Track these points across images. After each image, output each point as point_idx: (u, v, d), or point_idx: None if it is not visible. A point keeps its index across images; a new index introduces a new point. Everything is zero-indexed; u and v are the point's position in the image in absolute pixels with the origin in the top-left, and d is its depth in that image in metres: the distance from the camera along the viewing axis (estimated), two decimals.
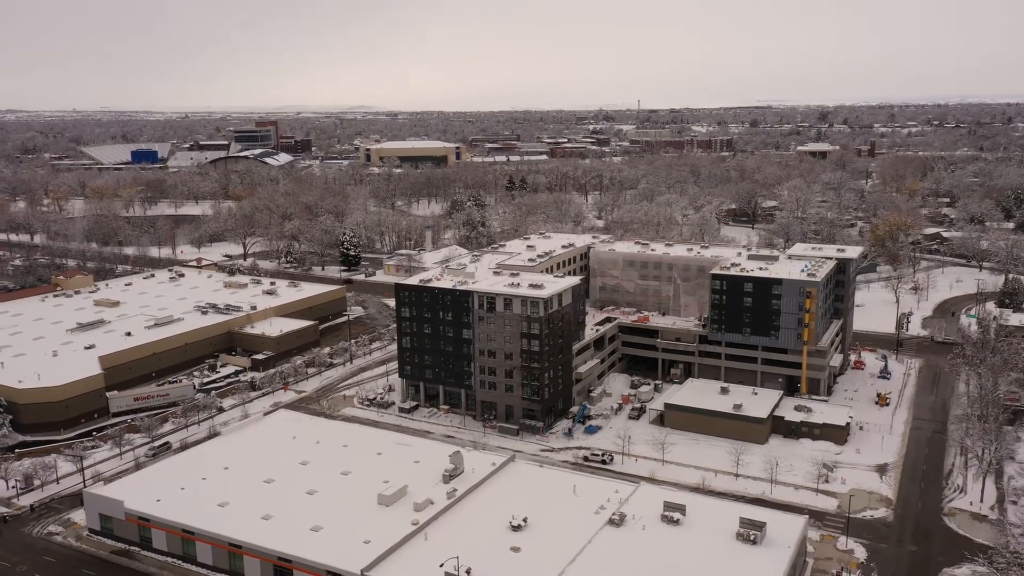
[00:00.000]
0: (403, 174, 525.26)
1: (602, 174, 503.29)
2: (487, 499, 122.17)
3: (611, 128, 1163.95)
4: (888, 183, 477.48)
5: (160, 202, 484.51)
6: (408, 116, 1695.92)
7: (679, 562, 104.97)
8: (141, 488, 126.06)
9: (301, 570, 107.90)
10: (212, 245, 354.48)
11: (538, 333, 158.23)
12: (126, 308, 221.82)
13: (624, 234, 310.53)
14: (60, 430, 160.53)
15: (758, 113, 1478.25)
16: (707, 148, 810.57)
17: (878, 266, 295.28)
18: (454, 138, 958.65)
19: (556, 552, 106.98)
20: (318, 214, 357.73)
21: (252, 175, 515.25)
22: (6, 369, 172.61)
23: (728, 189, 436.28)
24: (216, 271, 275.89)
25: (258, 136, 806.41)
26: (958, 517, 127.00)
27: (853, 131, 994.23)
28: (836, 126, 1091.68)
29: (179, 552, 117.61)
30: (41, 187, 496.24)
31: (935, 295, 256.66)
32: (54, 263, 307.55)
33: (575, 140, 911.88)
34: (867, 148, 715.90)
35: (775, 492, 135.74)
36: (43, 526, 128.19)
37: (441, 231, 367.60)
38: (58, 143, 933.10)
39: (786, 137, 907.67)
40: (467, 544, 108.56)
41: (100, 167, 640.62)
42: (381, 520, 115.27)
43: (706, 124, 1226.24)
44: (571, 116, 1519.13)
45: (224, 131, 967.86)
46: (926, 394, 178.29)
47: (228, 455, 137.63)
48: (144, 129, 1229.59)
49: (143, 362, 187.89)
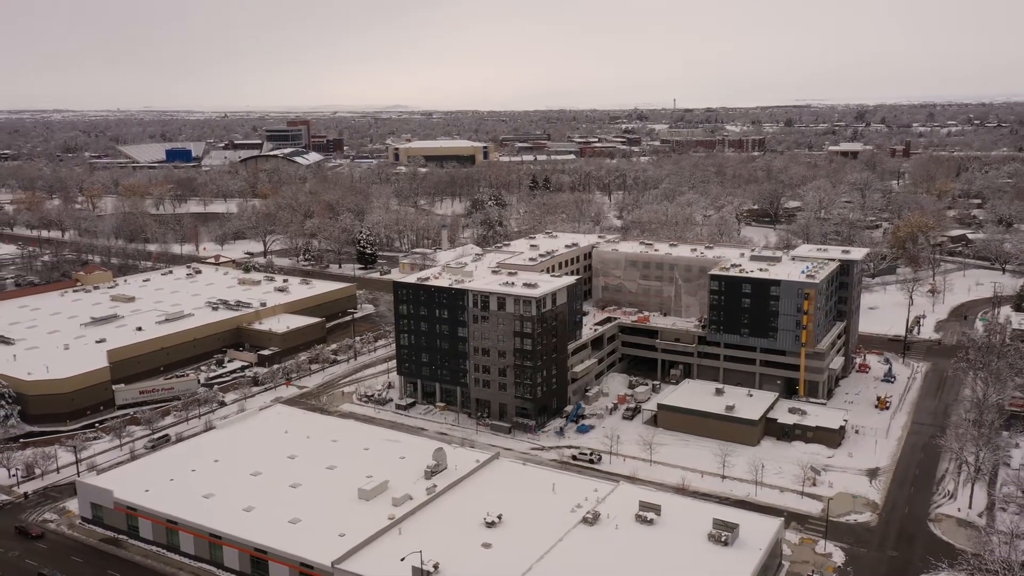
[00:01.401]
0: (428, 173, 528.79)
1: (626, 174, 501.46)
2: (466, 495, 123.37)
3: (644, 127, 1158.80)
4: (919, 184, 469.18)
5: (189, 200, 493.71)
6: (443, 116, 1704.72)
7: (647, 561, 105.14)
8: (132, 478, 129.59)
9: (276, 561, 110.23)
10: (235, 243, 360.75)
11: (530, 332, 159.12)
12: (140, 304, 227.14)
13: (641, 234, 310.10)
14: (66, 421, 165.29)
15: (794, 112, 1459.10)
16: (738, 148, 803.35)
17: (898, 268, 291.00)
18: (486, 137, 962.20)
19: (526, 549, 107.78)
20: (339, 213, 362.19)
21: (279, 173, 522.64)
22: (18, 361, 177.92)
23: (752, 189, 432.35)
24: (232, 268, 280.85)
25: (289, 135, 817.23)
26: (944, 523, 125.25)
27: (891, 130, 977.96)
28: (873, 125, 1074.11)
29: (164, 541, 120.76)
30: (76, 185, 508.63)
31: (952, 298, 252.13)
32: (80, 259, 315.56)
33: (606, 140, 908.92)
34: (902, 148, 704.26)
35: (760, 494, 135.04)
36: (39, 513, 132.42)
37: (460, 230, 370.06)
38: (99, 142, 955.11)
39: (820, 137, 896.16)
40: (440, 539, 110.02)
41: (135, 165, 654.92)
42: (359, 514, 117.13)
43: (740, 123, 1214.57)
44: (605, 115, 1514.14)
45: (260, 130, 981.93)
46: (929, 398, 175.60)
47: (219, 448, 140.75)
48: (183, 128, 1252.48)
49: (151, 356, 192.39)
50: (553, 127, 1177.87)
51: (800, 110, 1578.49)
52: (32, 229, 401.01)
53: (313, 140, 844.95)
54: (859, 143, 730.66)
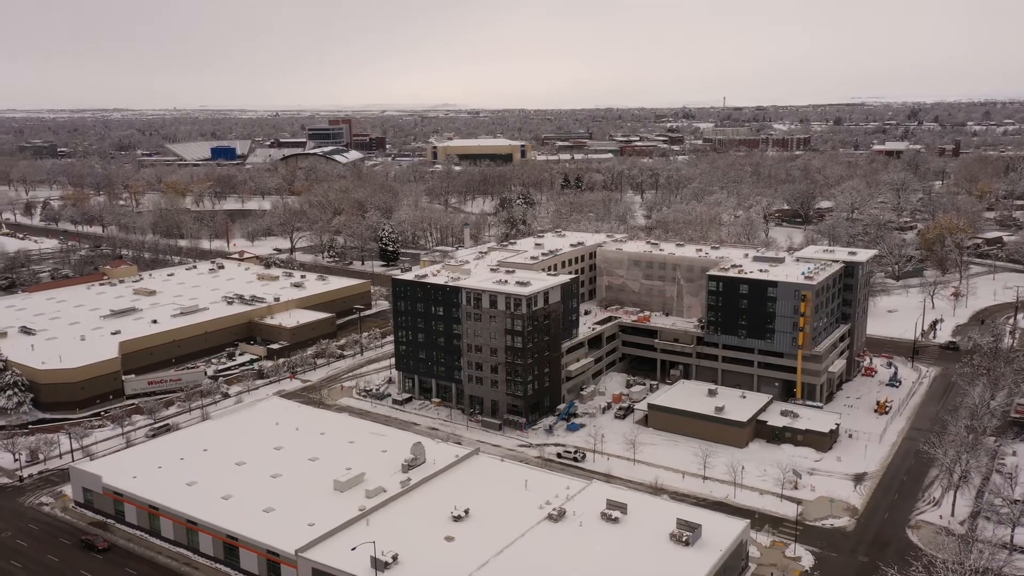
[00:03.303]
0: (461, 172, 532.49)
1: (659, 173, 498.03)
2: (438, 490, 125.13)
3: (689, 126, 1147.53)
4: (961, 184, 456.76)
5: (228, 197, 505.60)
6: (489, 114, 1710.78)
7: (605, 559, 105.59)
8: (122, 465, 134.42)
9: (245, 548, 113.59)
10: (265, 239, 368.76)
11: (520, 330, 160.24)
12: (160, 297, 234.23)
13: (664, 234, 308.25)
14: (76, 409, 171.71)
15: (846, 111, 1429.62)
16: (781, 147, 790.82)
17: (925, 270, 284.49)
18: (528, 136, 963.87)
19: (488, 543, 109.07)
20: (367, 210, 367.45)
21: (316, 171, 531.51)
22: (35, 351, 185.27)
23: (784, 189, 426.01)
24: (255, 263, 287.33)
25: (330, 134, 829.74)
26: (922, 530, 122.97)
27: (944, 129, 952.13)
28: (926, 124, 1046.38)
29: (147, 526, 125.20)
30: (121, 182, 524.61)
31: (975, 302, 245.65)
32: (114, 254, 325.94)
33: (647, 139, 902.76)
34: (951, 147, 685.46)
35: (739, 496, 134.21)
36: (36, 496, 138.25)
37: (487, 228, 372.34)
38: (151, 140, 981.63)
39: (869, 136, 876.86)
40: (405, 531, 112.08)
41: (181, 163, 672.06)
42: (332, 505, 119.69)
43: (788, 122, 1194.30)
44: (651, 114, 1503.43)
45: (308, 129, 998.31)
46: (933, 404, 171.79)
47: (210, 438, 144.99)
48: (235, 127, 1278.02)
49: (164, 348, 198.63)
50: (598, 126, 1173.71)
51: (852, 108, 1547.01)
52: (75, 224, 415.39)
53: (355, 138, 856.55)
54: (906, 142, 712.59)
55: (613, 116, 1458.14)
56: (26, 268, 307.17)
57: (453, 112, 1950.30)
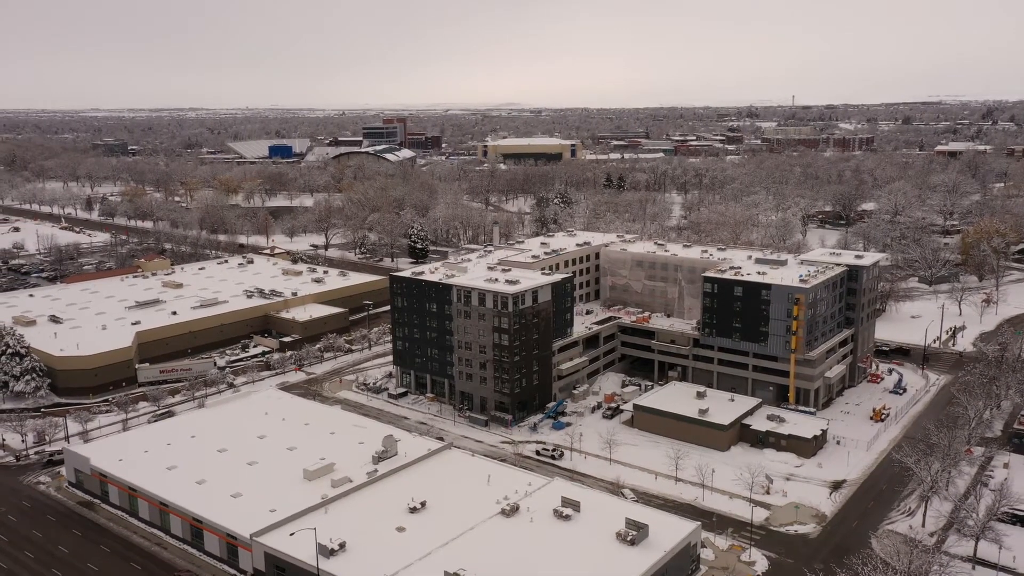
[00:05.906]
0: (505, 170, 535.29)
1: (703, 173, 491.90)
2: (402, 482, 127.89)
3: (751, 125, 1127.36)
4: (1020, 186, 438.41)
5: (279, 194, 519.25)
6: (552, 112, 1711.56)
7: (548, 554, 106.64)
8: (111, 449, 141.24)
9: (208, 531, 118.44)
10: (304, 235, 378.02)
11: (507, 328, 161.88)
12: (186, 290, 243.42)
13: (697, 235, 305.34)
14: (89, 395, 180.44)
15: (918, 110, 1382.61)
16: (842, 147, 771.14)
17: (960, 275, 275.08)
18: (586, 135, 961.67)
19: (437, 535, 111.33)
20: (403, 208, 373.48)
21: (365, 169, 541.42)
22: (57, 339, 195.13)
23: (829, 190, 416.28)
24: (284, 259, 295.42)
25: (384, 132, 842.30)
26: (887, 539, 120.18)
27: (1020, 129, 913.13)
28: (1000, 123, 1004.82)
29: (127, 507, 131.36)
30: (179, 179, 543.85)
31: (1006, 309, 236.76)
32: (158, 248, 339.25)
33: (704, 138, 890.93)
34: (1022, 148, 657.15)
35: (709, 499, 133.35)
36: (36, 476, 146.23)
37: (521, 227, 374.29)
38: (217, 139, 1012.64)
39: (938, 135, 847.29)
40: (360, 520, 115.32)
41: (239, 161, 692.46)
42: (297, 493, 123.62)
43: (855, 121, 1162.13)
44: (714, 113, 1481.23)
45: (363, 128, 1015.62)
46: (934, 413, 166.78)
47: (200, 425, 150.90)
48: (300, 125, 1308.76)
49: (180, 339, 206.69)
50: (657, 125, 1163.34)
51: (925, 107, 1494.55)
52: (129, 219, 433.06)
53: (410, 137, 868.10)
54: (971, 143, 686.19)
55: (675, 115, 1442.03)
56: (74, 260, 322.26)
57: (516, 111, 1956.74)
